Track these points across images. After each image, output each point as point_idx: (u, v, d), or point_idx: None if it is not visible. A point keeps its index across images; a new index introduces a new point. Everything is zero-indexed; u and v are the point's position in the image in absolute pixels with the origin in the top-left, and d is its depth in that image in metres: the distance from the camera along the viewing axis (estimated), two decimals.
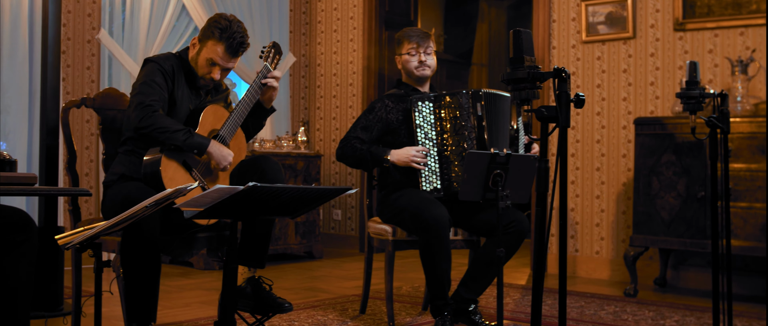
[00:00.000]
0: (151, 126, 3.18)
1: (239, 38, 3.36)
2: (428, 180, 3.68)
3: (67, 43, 5.62)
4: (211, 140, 3.26)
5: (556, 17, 5.64)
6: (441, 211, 3.50)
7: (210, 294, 4.63)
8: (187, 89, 3.43)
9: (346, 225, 6.91)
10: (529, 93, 2.51)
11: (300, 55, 7.08)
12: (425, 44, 3.84)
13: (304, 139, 6.41)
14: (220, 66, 3.39)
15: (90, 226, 2.49)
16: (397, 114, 3.80)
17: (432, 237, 3.50)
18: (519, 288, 5.01)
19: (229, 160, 3.30)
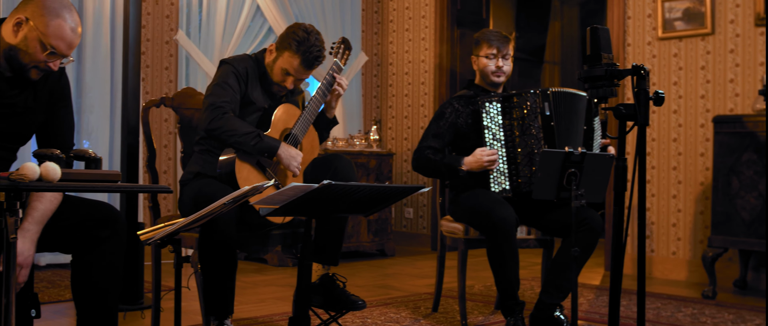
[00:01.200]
0: (220, 128, 3.22)
1: (316, 52, 3.36)
2: (497, 181, 3.66)
3: (146, 44, 5.76)
4: (281, 143, 3.27)
5: (631, 14, 5.54)
6: (508, 212, 3.48)
7: (284, 290, 4.69)
8: (261, 91, 3.46)
9: (418, 224, 6.92)
10: (607, 90, 2.47)
11: (372, 54, 7.11)
12: (504, 50, 3.80)
13: (376, 137, 6.43)
14: (294, 77, 3.41)
15: (170, 223, 2.54)
16: (466, 117, 3.77)
17: (499, 238, 3.47)
18: (592, 288, 4.94)
19: (298, 162, 3.31)
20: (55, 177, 1.98)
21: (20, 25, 2.47)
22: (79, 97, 5.41)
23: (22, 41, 2.47)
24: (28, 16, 2.46)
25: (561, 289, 3.58)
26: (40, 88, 2.61)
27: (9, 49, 2.49)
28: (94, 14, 5.37)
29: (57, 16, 2.47)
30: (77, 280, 2.60)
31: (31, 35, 2.46)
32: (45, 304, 4.05)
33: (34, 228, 2.48)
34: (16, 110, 2.56)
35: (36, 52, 2.48)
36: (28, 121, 2.61)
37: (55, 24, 2.46)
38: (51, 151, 2.14)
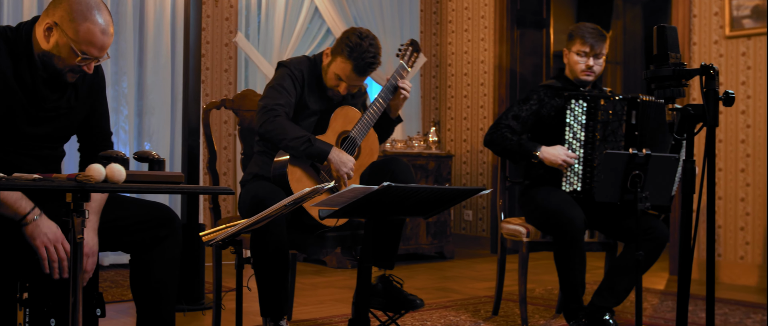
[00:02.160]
0: (271, 131, 3.21)
1: (369, 59, 3.31)
2: (569, 181, 3.60)
3: (206, 46, 5.82)
4: (332, 147, 3.25)
5: (697, 12, 5.41)
6: (577, 213, 3.42)
7: (343, 292, 4.69)
8: (317, 94, 3.44)
9: (477, 226, 6.86)
10: (674, 91, 2.41)
11: (431, 55, 7.08)
12: (598, 48, 3.68)
13: (435, 139, 6.40)
14: (347, 83, 3.38)
15: (232, 224, 2.55)
16: (550, 109, 3.71)
17: (566, 239, 3.42)
18: (657, 292, 4.83)
19: (349, 167, 3.29)
20: (120, 179, 2.00)
21: (50, 31, 2.43)
22: (141, 99, 5.49)
23: (55, 47, 2.44)
24: (58, 21, 2.42)
25: (615, 294, 3.51)
26: (80, 86, 2.62)
27: (43, 55, 2.47)
28: (155, 17, 5.44)
29: (85, 20, 2.41)
30: (136, 279, 2.64)
31: (62, 41, 2.42)
32: (109, 303, 4.11)
33: (94, 218, 2.52)
34: (61, 112, 2.58)
35: (68, 57, 2.44)
36: (71, 121, 2.64)
37: (84, 28, 2.41)
38: (116, 153, 2.16)
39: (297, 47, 6.10)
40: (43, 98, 2.50)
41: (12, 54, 2.46)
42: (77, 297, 2.08)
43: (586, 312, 3.50)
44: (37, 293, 2.43)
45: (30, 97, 2.49)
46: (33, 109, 2.50)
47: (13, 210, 2.37)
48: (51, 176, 2.00)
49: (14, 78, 2.45)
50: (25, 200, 2.39)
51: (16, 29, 2.51)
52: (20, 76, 2.46)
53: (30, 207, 2.38)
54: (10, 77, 2.44)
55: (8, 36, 2.48)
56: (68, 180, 1.97)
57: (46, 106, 2.52)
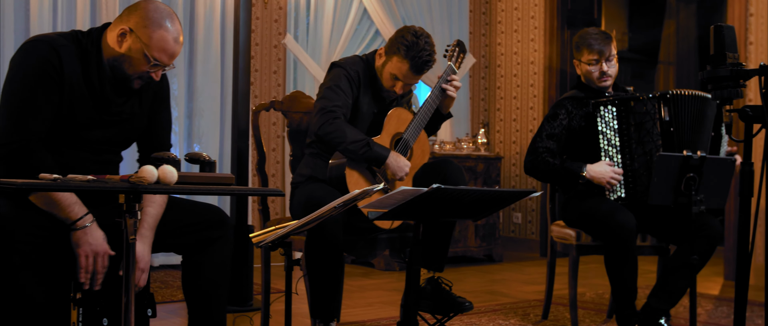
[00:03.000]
0: (330, 134, 3.21)
1: (425, 57, 3.29)
2: (612, 188, 3.53)
3: (255, 48, 5.86)
4: (390, 152, 3.24)
5: (754, 11, 5.29)
6: (628, 217, 3.36)
7: (391, 294, 4.68)
8: (371, 95, 3.44)
9: (527, 229, 6.80)
10: (732, 92, 2.35)
11: (480, 56, 7.04)
12: (607, 52, 3.62)
13: (484, 140, 6.36)
14: (403, 82, 3.37)
15: (281, 226, 2.56)
16: (579, 120, 3.65)
17: (618, 243, 3.36)
18: (711, 298, 4.73)
19: (405, 172, 3.27)
20: (172, 180, 2.01)
21: (124, 36, 2.48)
22: (190, 101, 5.54)
23: (127, 52, 2.48)
24: (133, 27, 2.47)
25: (670, 296, 3.45)
26: (144, 93, 2.66)
27: (114, 59, 2.51)
28: (205, 20, 5.49)
29: (159, 27, 2.46)
30: (187, 280, 2.65)
31: (135, 47, 2.47)
32: (159, 304, 4.15)
33: (150, 234, 2.55)
34: (124, 117, 2.62)
35: (139, 63, 2.49)
36: (134, 127, 2.67)
37: (157, 35, 2.46)
38: (167, 155, 2.17)
39: (346, 48, 6.11)
40: (108, 102, 2.55)
41: (82, 58, 2.51)
42: (129, 297, 2.10)
43: (639, 317, 3.44)
44: (90, 293, 2.46)
45: (96, 101, 2.53)
46: (98, 112, 2.54)
47: (65, 214, 2.40)
48: (104, 178, 2.02)
49: (83, 81, 2.50)
50: (79, 205, 2.42)
51: (87, 34, 2.55)
52: (89, 79, 2.51)
53: (82, 213, 2.41)
54: (79, 80, 2.49)
55: (79, 40, 2.53)
56: (121, 181, 1.99)
57: (111, 109, 2.56)
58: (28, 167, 2.39)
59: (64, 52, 2.48)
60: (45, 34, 2.54)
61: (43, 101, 2.45)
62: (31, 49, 2.48)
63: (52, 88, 2.45)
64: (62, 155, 2.53)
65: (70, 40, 2.52)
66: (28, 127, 2.42)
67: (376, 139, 3.30)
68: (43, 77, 2.44)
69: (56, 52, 2.46)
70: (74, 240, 2.40)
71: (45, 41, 2.49)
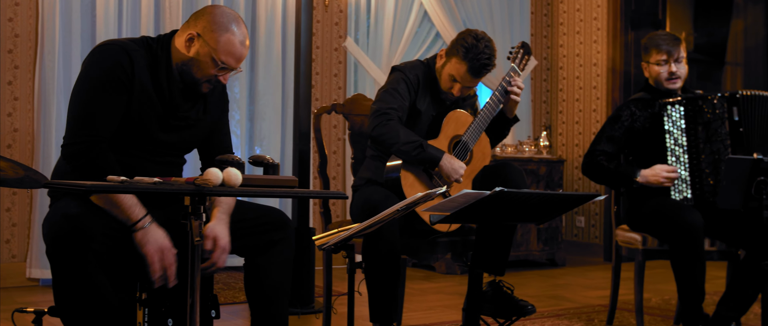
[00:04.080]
0: (384, 135, 3.20)
1: (484, 60, 3.27)
2: (678, 188, 3.46)
3: (316, 51, 5.89)
4: (444, 154, 3.22)
5: None
6: (695, 217, 3.28)
7: (452, 298, 4.65)
8: (430, 98, 3.42)
9: (590, 233, 6.70)
10: None
11: (541, 58, 6.97)
12: (676, 53, 3.56)
13: (546, 143, 6.29)
14: (461, 84, 3.35)
15: (344, 228, 2.56)
16: (643, 121, 3.58)
17: (685, 244, 3.29)
18: None
19: (460, 174, 3.25)
20: (236, 183, 2.03)
21: (192, 41, 2.53)
22: (252, 104, 5.59)
23: (195, 56, 2.54)
24: (200, 31, 2.52)
25: (741, 304, 3.35)
26: (209, 100, 2.70)
27: (182, 64, 2.57)
28: (266, 23, 5.53)
29: (226, 31, 2.51)
30: (250, 282, 2.67)
31: (203, 50, 2.52)
32: (222, 305, 4.19)
33: (225, 217, 2.58)
34: (190, 122, 2.66)
35: (207, 66, 2.54)
36: (197, 134, 2.71)
37: (225, 39, 2.51)
38: (232, 157, 2.19)
39: (406, 51, 6.10)
40: (176, 107, 2.60)
41: (152, 63, 2.56)
42: (195, 298, 2.12)
43: (708, 323, 3.35)
44: (155, 294, 2.49)
45: (165, 105, 2.58)
46: (166, 116, 2.59)
47: (126, 215, 2.43)
48: (170, 180, 2.05)
49: (152, 86, 2.55)
50: (139, 207, 2.45)
51: (157, 40, 2.61)
52: (158, 84, 2.56)
53: (142, 214, 2.45)
54: (148, 85, 2.54)
55: (149, 45, 2.58)
56: (187, 184, 2.00)
57: (178, 114, 2.61)
58: (94, 167, 2.43)
59: (135, 56, 2.53)
60: (117, 39, 2.60)
61: (112, 104, 2.50)
62: (104, 52, 2.54)
63: (121, 91, 2.50)
64: (127, 157, 2.57)
65: (141, 46, 2.58)
66: (95, 129, 2.47)
67: (433, 142, 3.28)
68: (113, 80, 2.49)
69: (128, 57, 2.51)
70: (137, 241, 2.43)
71: (118, 45, 2.54)
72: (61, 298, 2.40)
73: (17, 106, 4.81)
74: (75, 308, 2.38)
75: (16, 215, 4.82)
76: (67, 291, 2.38)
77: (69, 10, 4.84)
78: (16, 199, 4.82)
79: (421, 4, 6.13)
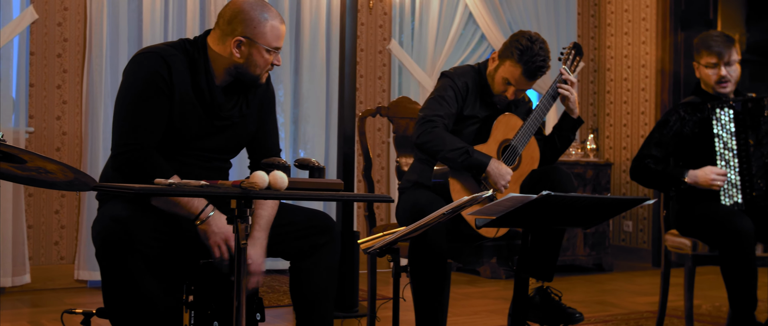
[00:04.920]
0: (429, 143, 3.18)
1: (539, 62, 3.22)
2: (728, 193, 3.39)
3: (360, 54, 5.88)
4: (491, 159, 3.18)
5: None
6: (745, 223, 3.21)
7: (497, 303, 4.61)
8: (481, 103, 3.39)
9: (638, 238, 6.60)
10: None
11: (588, 60, 6.89)
12: (728, 56, 3.47)
13: (593, 146, 6.22)
14: (515, 87, 3.30)
15: (390, 232, 2.54)
16: (693, 126, 3.51)
17: (736, 251, 3.22)
18: None
19: (507, 179, 3.21)
20: (282, 186, 2.02)
21: (240, 46, 2.56)
22: (296, 107, 5.60)
23: (248, 59, 2.58)
24: (245, 34, 2.55)
25: None
26: (251, 98, 2.70)
27: (234, 68, 2.60)
28: (311, 27, 5.54)
29: (265, 21, 2.56)
30: (295, 285, 2.67)
31: (254, 50, 2.56)
32: (266, 308, 4.20)
33: (263, 236, 2.58)
34: (234, 121, 2.66)
35: (263, 61, 2.59)
36: (243, 132, 2.72)
37: (269, 28, 2.57)
38: (278, 160, 2.19)
39: (451, 54, 6.06)
40: (219, 107, 2.62)
41: (191, 66, 2.58)
42: (241, 300, 2.12)
43: None
44: (201, 296, 2.50)
45: (206, 108, 2.60)
46: (209, 118, 2.60)
47: (188, 210, 2.47)
48: (217, 183, 2.05)
49: (192, 89, 2.56)
50: (198, 199, 2.48)
51: (193, 42, 2.62)
52: (198, 87, 2.58)
53: (203, 205, 2.47)
54: (188, 89, 2.56)
55: (187, 49, 2.60)
56: (233, 187, 2.01)
57: (221, 114, 2.62)
58: (142, 172, 2.45)
59: (173, 62, 2.54)
60: (155, 46, 2.63)
61: (154, 111, 2.52)
62: (142, 61, 2.56)
63: (161, 99, 2.52)
64: (174, 163, 2.58)
65: (179, 50, 2.59)
66: (139, 136, 2.49)
67: (482, 147, 3.25)
68: (153, 89, 2.51)
69: (166, 63, 2.53)
70: (201, 234, 2.46)
71: (155, 53, 2.56)
72: (110, 300, 2.43)
73: (66, 110, 4.87)
74: (123, 310, 2.41)
75: (64, 217, 4.88)
76: (115, 293, 2.40)
77: (116, 14, 4.90)
78: (65, 202, 4.88)
79: (466, 5, 6.09)
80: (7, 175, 2.25)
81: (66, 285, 4.86)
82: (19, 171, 2.21)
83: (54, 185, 2.29)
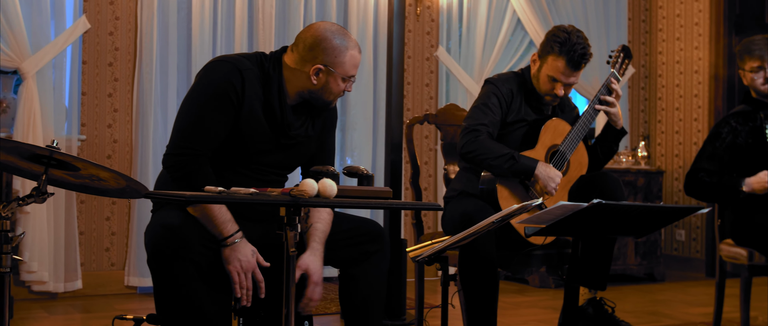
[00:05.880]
0: (473, 152, 3.16)
1: (580, 50, 3.22)
2: None
3: (407, 61, 5.87)
4: (538, 163, 3.15)
5: None
6: None
7: (546, 312, 4.55)
8: (526, 108, 3.36)
9: (691, 247, 6.47)
10: None
11: (639, 66, 6.79)
12: None
13: (644, 154, 6.13)
14: (562, 82, 3.27)
15: (439, 240, 2.52)
16: (745, 136, 3.43)
17: None
18: None
19: (556, 183, 3.17)
20: (331, 194, 2.01)
21: (319, 74, 2.57)
22: (343, 114, 5.60)
23: (324, 86, 2.59)
24: (324, 63, 2.56)
25: None
26: (316, 119, 2.71)
27: (308, 93, 2.61)
28: (358, 33, 5.54)
29: (345, 50, 2.57)
30: (344, 293, 2.67)
31: (331, 78, 2.58)
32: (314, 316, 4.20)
33: (321, 248, 2.58)
34: (299, 140, 2.67)
35: (338, 88, 2.61)
36: (305, 151, 2.73)
37: (348, 58, 2.58)
38: (326, 168, 2.18)
39: (499, 60, 6.01)
40: (288, 125, 2.62)
41: (264, 81, 2.58)
42: (290, 308, 2.12)
43: None
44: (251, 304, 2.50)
45: (274, 125, 2.60)
46: (275, 135, 2.61)
47: (218, 230, 2.47)
48: (266, 191, 2.05)
49: (262, 105, 2.57)
50: (231, 223, 2.48)
51: (269, 57, 2.63)
52: (269, 103, 2.58)
53: (234, 230, 2.47)
54: (258, 104, 2.56)
55: (263, 64, 2.61)
56: (282, 194, 2.00)
57: (289, 133, 2.63)
58: (190, 180, 2.46)
59: (248, 75, 2.54)
60: (231, 55, 2.64)
61: (217, 121, 2.52)
62: (216, 68, 2.57)
63: (228, 110, 2.52)
64: (231, 174, 2.59)
65: (255, 63, 2.60)
66: (196, 142, 2.50)
67: (530, 152, 3.22)
68: (221, 97, 2.52)
69: (240, 74, 2.53)
70: (225, 256, 2.46)
71: (231, 62, 2.56)
72: (161, 306, 2.45)
73: (117, 118, 4.94)
74: (174, 316, 2.43)
75: (115, 224, 4.94)
76: (166, 300, 2.42)
77: (166, 24, 4.95)
78: (116, 209, 4.94)
79: (514, 11, 6.05)
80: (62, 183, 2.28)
81: (116, 291, 4.92)
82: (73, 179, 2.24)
83: (106, 192, 2.32)
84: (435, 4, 5.93)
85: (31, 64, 4.54)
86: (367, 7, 5.57)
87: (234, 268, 2.45)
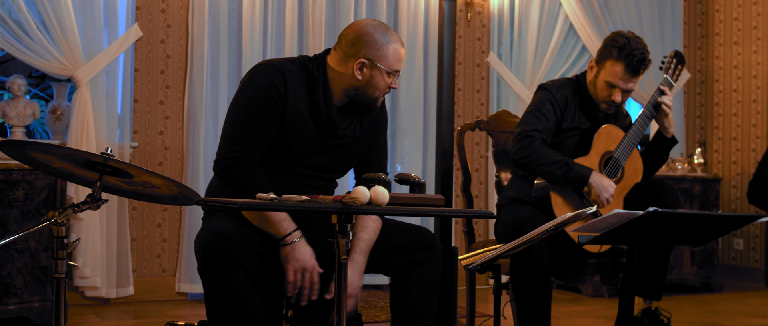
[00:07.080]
0: (527, 158, 3.13)
1: (639, 55, 3.16)
2: None
3: (458, 67, 5.82)
4: (592, 171, 3.10)
5: None
6: None
7: (600, 322, 4.47)
8: (581, 115, 3.30)
9: (749, 256, 6.31)
10: None
11: (695, 71, 6.65)
12: None
13: (700, 161, 5.99)
14: (621, 88, 3.21)
15: (491, 248, 2.48)
16: None
17: None
18: None
19: (610, 193, 3.11)
20: (383, 201, 1.99)
21: (363, 68, 2.56)
22: (393, 120, 5.58)
23: (369, 81, 2.58)
24: (368, 57, 2.55)
25: None
26: (364, 117, 2.69)
27: (354, 90, 2.60)
28: (408, 39, 5.52)
29: (388, 44, 2.56)
30: (396, 301, 2.64)
31: (376, 72, 2.56)
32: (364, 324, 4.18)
33: (362, 260, 2.56)
34: (347, 141, 2.65)
35: (383, 83, 2.59)
36: (353, 152, 2.71)
37: (391, 52, 2.56)
38: (378, 175, 2.16)
39: (550, 66, 5.94)
40: (334, 125, 2.61)
41: (309, 83, 2.58)
42: (341, 316, 2.10)
43: None
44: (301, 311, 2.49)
45: (320, 125, 2.60)
46: (321, 136, 2.60)
47: (275, 230, 2.46)
48: (318, 198, 2.03)
49: (307, 107, 2.56)
50: (288, 221, 2.47)
51: (313, 59, 2.63)
52: (314, 104, 2.57)
53: (291, 229, 2.46)
54: (303, 106, 2.56)
55: (307, 65, 2.61)
56: (334, 202, 1.99)
57: (335, 133, 2.62)
58: (242, 182, 2.46)
59: (291, 77, 2.55)
60: (275, 59, 2.65)
61: (263, 122, 2.52)
62: (259, 71, 2.58)
63: (273, 113, 2.53)
64: (279, 179, 2.58)
65: (299, 66, 2.60)
66: (244, 145, 2.51)
67: (584, 159, 3.17)
68: (266, 101, 2.52)
69: (283, 77, 2.54)
70: (283, 255, 2.45)
71: (274, 65, 2.58)
72: (212, 313, 2.45)
73: (168, 125, 4.98)
74: (226, 322, 2.42)
75: (166, 231, 4.98)
76: (217, 307, 2.42)
77: (217, 31, 4.99)
78: (167, 215, 4.98)
79: (567, 17, 5.97)
80: (115, 189, 2.29)
81: (167, 297, 4.95)
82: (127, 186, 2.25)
83: (159, 199, 2.32)
84: (486, 9, 5.88)
85: (84, 72, 4.60)
86: (418, 13, 5.54)
87: (291, 267, 2.45)
